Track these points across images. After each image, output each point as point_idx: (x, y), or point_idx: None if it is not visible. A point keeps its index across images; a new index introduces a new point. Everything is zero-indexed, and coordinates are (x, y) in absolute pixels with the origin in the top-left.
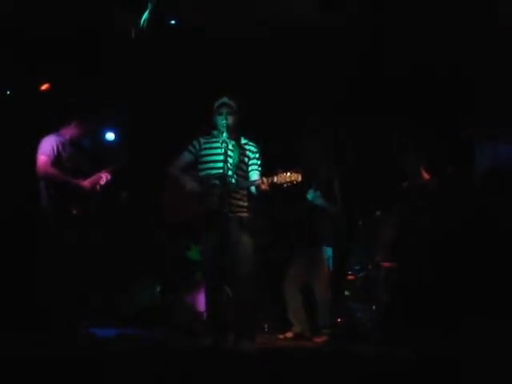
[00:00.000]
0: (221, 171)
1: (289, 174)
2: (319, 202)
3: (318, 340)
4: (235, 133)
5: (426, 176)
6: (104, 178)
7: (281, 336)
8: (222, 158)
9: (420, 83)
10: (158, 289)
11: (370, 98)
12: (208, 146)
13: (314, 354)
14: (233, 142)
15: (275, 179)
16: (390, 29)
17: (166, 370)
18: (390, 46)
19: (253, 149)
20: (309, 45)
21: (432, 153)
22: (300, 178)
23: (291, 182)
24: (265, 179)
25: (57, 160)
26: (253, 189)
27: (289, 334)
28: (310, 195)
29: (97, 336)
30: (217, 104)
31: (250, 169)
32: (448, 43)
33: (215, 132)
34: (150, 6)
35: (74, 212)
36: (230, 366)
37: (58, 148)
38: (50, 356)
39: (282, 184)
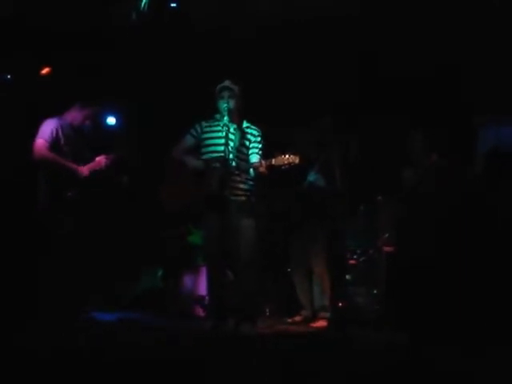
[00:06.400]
0: (222, 154)
1: (287, 156)
2: (319, 183)
3: (315, 325)
4: (237, 117)
5: (433, 159)
6: (103, 163)
7: (289, 320)
8: (222, 141)
9: (421, 71)
10: (160, 273)
11: (371, 92)
12: (209, 129)
13: (313, 338)
14: (234, 126)
15: (273, 161)
16: (392, 26)
17: (166, 354)
18: (391, 43)
19: (254, 132)
20: (312, 36)
21: (435, 138)
22: (298, 160)
23: (289, 164)
24: (263, 161)
25: (55, 144)
26: (251, 172)
27: (298, 318)
28: (310, 177)
29: (97, 320)
30: (218, 87)
31: (250, 152)
32: (450, 31)
33: (217, 116)
34: None
35: (69, 195)
36: (230, 350)
37: (57, 132)
38: (50, 340)
39: (280, 166)
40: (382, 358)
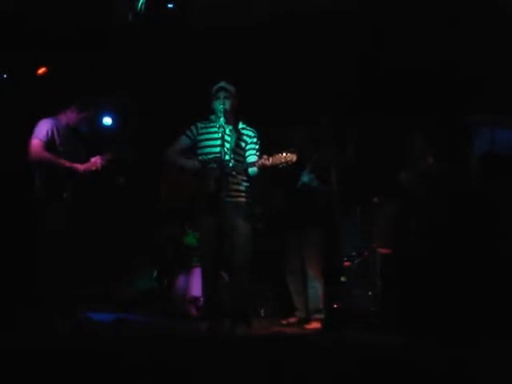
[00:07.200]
0: (218, 156)
1: (284, 154)
2: (313, 183)
3: (309, 326)
4: (233, 117)
5: (430, 161)
6: (98, 163)
7: (284, 321)
8: (218, 142)
9: (419, 72)
10: (155, 274)
11: (370, 90)
12: (205, 130)
13: (307, 340)
14: (230, 127)
15: (270, 160)
16: (391, 24)
17: (161, 354)
18: (390, 40)
19: (250, 133)
20: (310, 33)
21: (433, 139)
22: (295, 159)
23: (286, 162)
24: (265, 156)
25: (51, 144)
26: (251, 171)
27: (292, 319)
28: (304, 177)
29: (93, 321)
30: (214, 88)
31: (247, 153)
32: (447, 31)
33: (213, 117)
34: None
35: (65, 195)
36: (225, 351)
37: (52, 132)
38: (48, 340)
39: (277, 165)
40: (378, 359)
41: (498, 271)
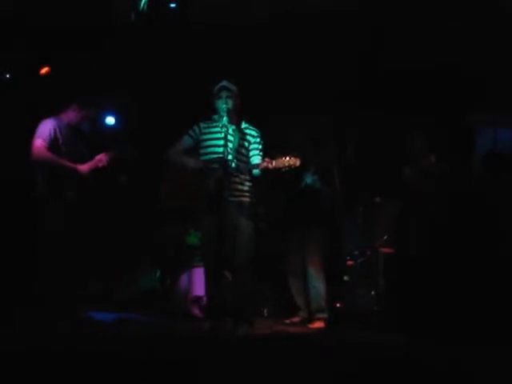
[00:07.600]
0: (221, 155)
1: (287, 158)
2: (317, 185)
3: (313, 326)
4: (236, 117)
5: (432, 160)
6: (104, 159)
7: (287, 321)
8: (221, 142)
9: (419, 71)
10: (157, 274)
11: (370, 90)
12: (208, 130)
13: (311, 339)
14: (233, 127)
15: (273, 163)
16: (392, 23)
17: (161, 354)
18: (390, 40)
19: (253, 133)
20: (311, 32)
21: (434, 139)
22: (298, 163)
23: (289, 166)
24: (267, 159)
25: (53, 144)
26: (255, 172)
27: (295, 319)
28: (308, 178)
29: (95, 320)
30: (216, 88)
31: (251, 154)
32: (447, 31)
33: (215, 116)
34: None
35: (69, 194)
36: (226, 350)
37: (55, 132)
38: (48, 340)
39: (280, 168)
40: (381, 358)
41: (498, 271)
